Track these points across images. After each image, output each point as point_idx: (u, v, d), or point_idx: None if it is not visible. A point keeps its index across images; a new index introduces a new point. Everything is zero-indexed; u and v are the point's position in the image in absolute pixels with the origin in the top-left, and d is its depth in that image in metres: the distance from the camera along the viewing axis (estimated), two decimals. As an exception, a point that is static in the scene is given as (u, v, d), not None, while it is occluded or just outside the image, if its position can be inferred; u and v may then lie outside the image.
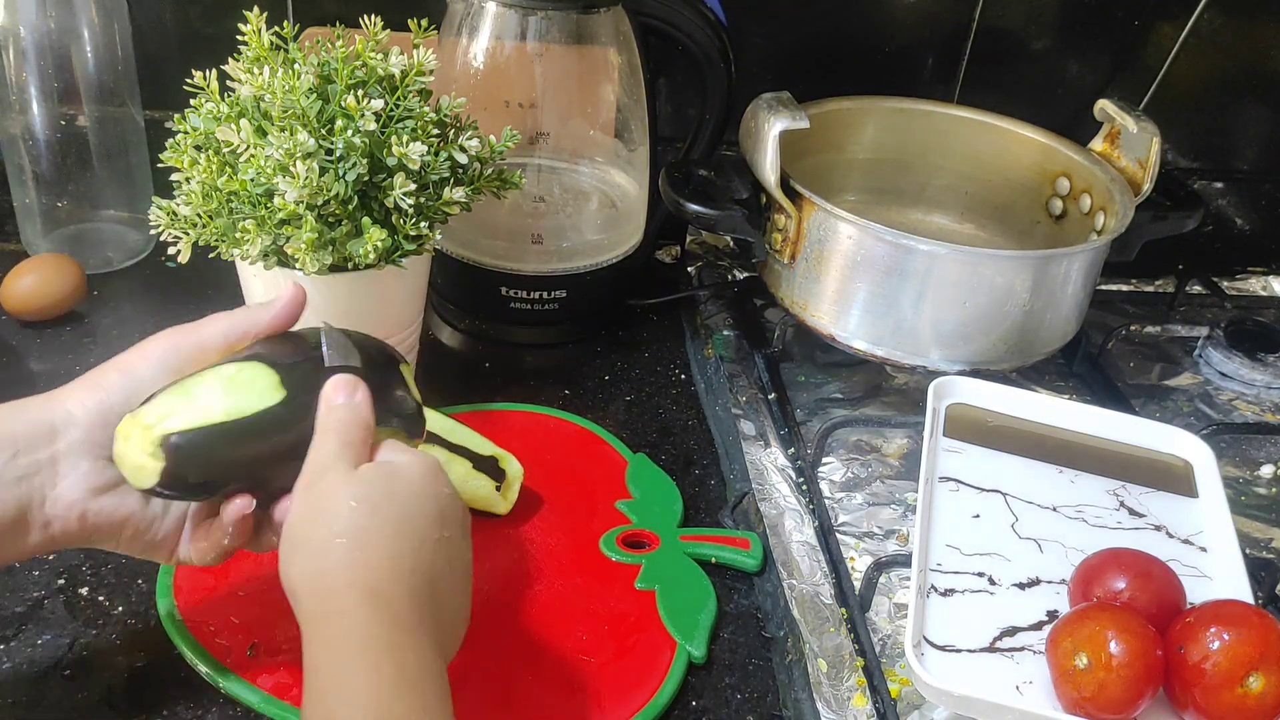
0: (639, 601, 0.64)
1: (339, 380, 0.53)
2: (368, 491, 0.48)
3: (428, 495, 0.50)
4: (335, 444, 0.51)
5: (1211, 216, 1.16)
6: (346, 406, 0.52)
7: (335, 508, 0.48)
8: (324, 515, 0.48)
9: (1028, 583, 0.63)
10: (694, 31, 0.84)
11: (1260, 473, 0.83)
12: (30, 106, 0.81)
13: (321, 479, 0.49)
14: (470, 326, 0.89)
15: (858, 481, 0.77)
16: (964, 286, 0.75)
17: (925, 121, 0.94)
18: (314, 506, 0.49)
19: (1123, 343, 0.95)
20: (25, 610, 0.60)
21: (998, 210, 0.96)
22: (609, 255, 0.87)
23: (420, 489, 0.50)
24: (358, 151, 0.63)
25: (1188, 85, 1.08)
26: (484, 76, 0.81)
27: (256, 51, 0.66)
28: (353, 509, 0.48)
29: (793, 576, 0.67)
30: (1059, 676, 0.56)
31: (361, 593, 0.45)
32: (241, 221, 0.64)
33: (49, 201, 0.86)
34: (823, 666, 0.62)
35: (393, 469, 0.51)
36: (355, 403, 0.52)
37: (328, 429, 0.51)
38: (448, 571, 0.49)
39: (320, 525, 0.48)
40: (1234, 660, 0.54)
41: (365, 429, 0.52)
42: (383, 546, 0.47)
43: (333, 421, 0.52)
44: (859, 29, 1.03)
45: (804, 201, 0.78)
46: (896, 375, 0.88)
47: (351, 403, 0.52)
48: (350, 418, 0.52)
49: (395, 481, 0.50)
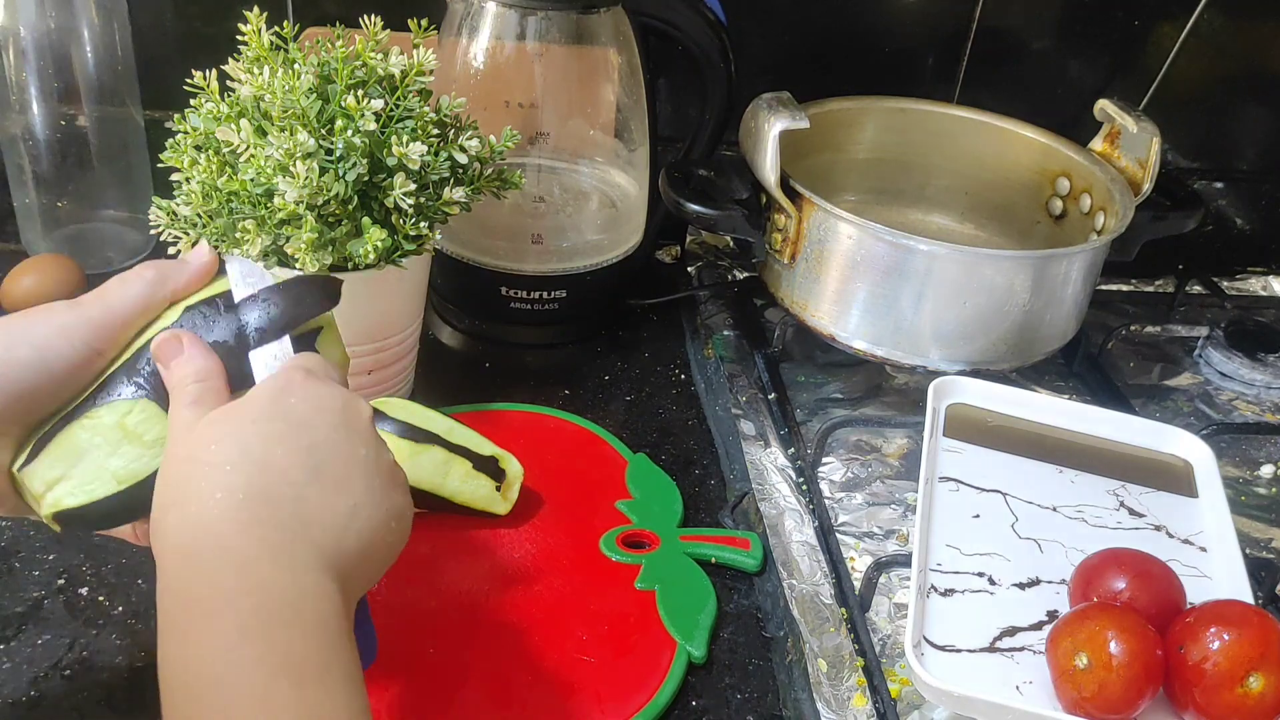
0: (639, 601, 0.64)
1: (161, 344, 0.49)
2: (201, 443, 0.46)
3: (269, 416, 0.46)
4: (183, 407, 0.48)
5: (1211, 216, 1.16)
6: (179, 364, 0.49)
7: (175, 471, 0.46)
8: (168, 482, 0.46)
9: (1028, 583, 0.63)
10: (694, 31, 0.84)
11: (1260, 473, 0.83)
12: (30, 106, 0.81)
13: (178, 443, 0.47)
14: (470, 326, 0.89)
15: (858, 481, 0.77)
16: (964, 286, 0.75)
17: (925, 121, 0.94)
18: (164, 475, 0.46)
19: (1123, 343, 0.95)
20: (25, 610, 0.60)
21: (998, 210, 0.96)
22: (609, 255, 0.87)
23: (266, 409, 0.47)
24: (358, 151, 0.63)
25: (1188, 85, 1.08)
26: (484, 76, 0.81)
27: (256, 51, 0.66)
28: (190, 466, 0.45)
29: (793, 576, 0.67)
30: (1059, 676, 0.56)
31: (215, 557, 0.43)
32: (241, 221, 0.64)
33: (49, 201, 0.86)
34: (823, 666, 0.62)
35: (238, 404, 0.47)
36: (184, 358, 0.49)
37: (173, 393, 0.49)
38: (314, 478, 0.45)
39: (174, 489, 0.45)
40: (1234, 660, 0.54)
41: (208, 378, 0.48)
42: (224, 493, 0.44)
43: (173, 384, 0.49)
44: (859, 29, 1.03)
45: (804, 201, 0.78)
46: (896, 375, 0.88)
47: (180, 360, 0.49)
48: (187, 372, 0.48)
49: (239, 415, 0.47)
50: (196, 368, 0.49)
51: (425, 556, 0.66)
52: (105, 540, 0.64)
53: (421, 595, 0.63)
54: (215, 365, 0.49)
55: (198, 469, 0.45)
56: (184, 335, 0.50)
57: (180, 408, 0.48)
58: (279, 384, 0.48)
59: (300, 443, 0.46)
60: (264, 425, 0.46)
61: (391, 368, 0.75)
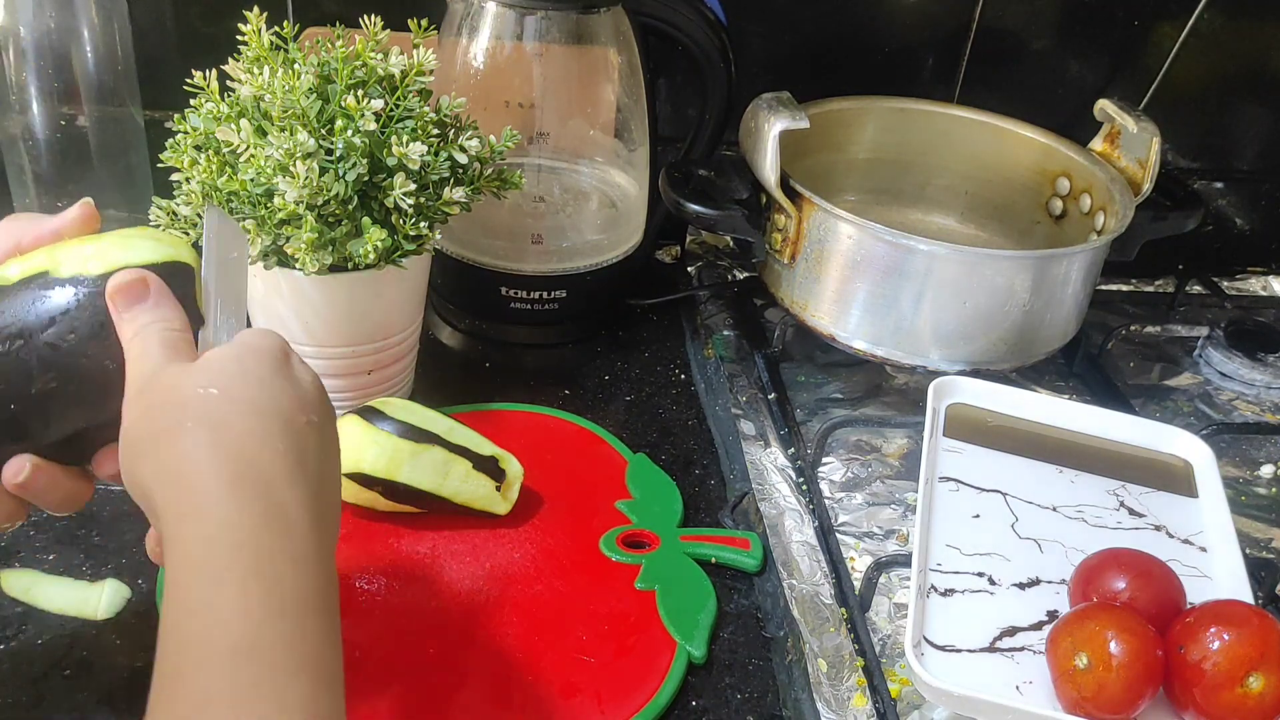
0: (639, 601, 0.64)
1: (123, 284, 0.46)
2: (215, 376, 0.44)
3: (286, 377, 0.45)
4: (156, 347, 0.45)
5: (1211, 216, 1.16)
6: (144, 310, 0.46)
7: (182, 398, 0.43)
8: (169, 407, 0.43)
9: (1028, 583, 0.63)
10: (694, 31, 0.84)
11: (1260, 473, 0.83)
12: (30, 106, 0.81)
13: (156, 380, 0.44)
14: (470, 326, 0.89)
15: (858, 481, 0.77)
16: (964, 286, 0.75)
17: (925, 121, 0.94)
18: (154, 404, 0.44)
19: (1123, 343, 0.95)
20: (25, 610, 0.60)
21: (998, 210, 0.96)
22: (609, 255, 0.87)
23: (277, 368, 0.45)
24: (358, 151, 0.63)
25: (1188, 85, 1.08)
26: (484, 76, 0.81)
27: (256, 51, 0.66)
28: (203, 394, 0.43)
29: (793, 576, 0.67)
30: (1059, 676, 0.56)
31: (228, 480, 0.41)
32: (241, 221, 0.64)
33: (49, 201, 0.86)
34: (823, 666, 0.62)
35: (242, 350, 0.46)
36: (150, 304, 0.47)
37: (139, 336, 0.46)
38: (322, 458, 0.45)
39: (167, 416, 0.43)
40: (1234, 660, 0.54)
41: (182, 329, 0.47)
42: (247, 426, 0.42)
43: (140, 327, 0.46)
44: (859, 29, 1.03)
45: (804, 201, 0.78)
46: (896, 375, 0.88)
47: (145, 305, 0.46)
48: (156, 318, 0.46)
49: (247, 360, 0.45)
50: (166, 314, 0.46)
51: (425, 556, 0.66)
52: (106, 540, 0.65)
53: (421, 595, 0.63)
54: (184, 320, 0.47)
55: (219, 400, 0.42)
56: (151, 280, 0.47)
57: (141, 355, 0.45)
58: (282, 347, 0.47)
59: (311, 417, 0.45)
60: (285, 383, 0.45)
61: (391, 368, 0.75)
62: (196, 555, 0.40)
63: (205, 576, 0.39)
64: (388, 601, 0.62)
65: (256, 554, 0.40)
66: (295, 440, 0.43)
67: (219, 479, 0.41)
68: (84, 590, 0.61)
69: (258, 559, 0.40)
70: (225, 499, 0.40)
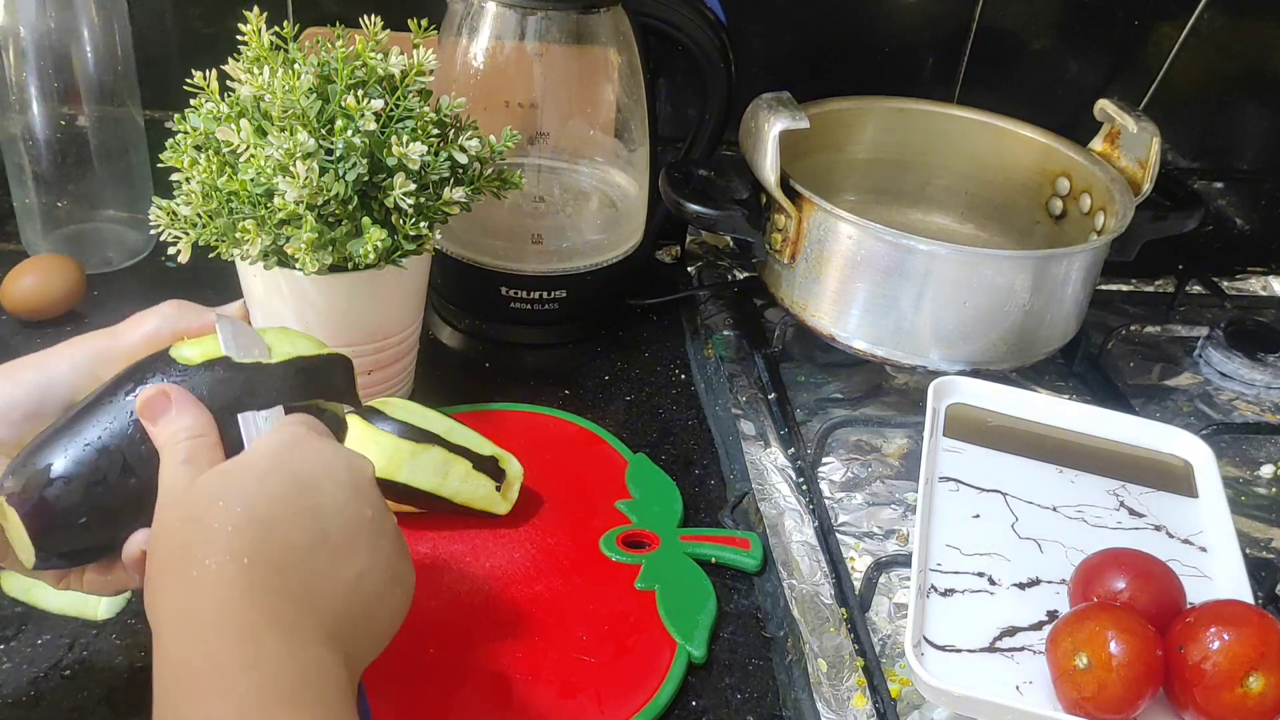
0: (639, 601, 0.64)
1: (147, 401, 0.47)
2: (204, 502, 0.43)
3: (281, 468, 0.45)
4: (178, 461, 0.46)
5: (1211, 216, 1.16)
6: (168, 421, 0.47)
7: (177, 531, 0.43)
8: (169, 541, 0.43)
9: (1028, 583, 0.63)
10: (694, 31, 0.84)
11: (1260, 473, 0.83)
12: (30, 106, 0.81)
13: (164, 505, 0.45)
14: (470, 326, 0.89)
15: (858, 481, 0.77)
16: (964, 286, 0.75)
17: (925, 121, 0.94)
18: (160, 534, 0.44)
19: (1123, 343, 0.95)
20: (25, 610, 0.60)
21: (998, 210, 0.96)
22: (609, 255, 0.87)
23: (270, 466, 0.45)
24: (358, 151, 0.63)
25: (1188, 85, 1.08)
26: (484, 76, 0.81)
27: (256, 51, 0.66)
28: (195, 526, 0.43)
29: (793, 576, 0.67)
30: (1059, 676, 0.56)
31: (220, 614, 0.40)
32: (241, 221, 0.64)
33: (49, 201, 0.87)
34: (823, 666, 0.62)
35: (237, 461, 0.46)
36: (173, 414, 0.47)
37: (165, 448, 0.46)
38: (320, 543, 0.43)
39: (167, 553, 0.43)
40: (1234, 660, 0.54)
41: (202, 434, 0.47)
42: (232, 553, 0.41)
43: (164, 439, 0.47)
44: (859, 29, 1.03)
45: (804, 201, 0.78)
46: (896, 375, 0.88)
47: (169, 417, 0.47)
48: (179, 429, 0.47)
49: (240, 473, 0.45)
50: (188, 423, 0.47)
51: (425, 556, 0.66)
52: (105, 540, 0.65)
53: (421, 595, 0.63)
54: (208, 421, 0.47)
55: (197, 531, 0.42)
56: (171, 390, 0.47)
57: (172, 465, 0.46)
58: (281, 440, 0.46)
59: (305, 504, 0.44)
60: (269, 483, 0.44)
61: (391, 368, 0.75)
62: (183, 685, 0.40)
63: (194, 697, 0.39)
64: (388, 601, 0.63)
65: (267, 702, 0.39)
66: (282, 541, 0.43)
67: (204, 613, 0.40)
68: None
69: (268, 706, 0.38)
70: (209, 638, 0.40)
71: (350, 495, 0.46)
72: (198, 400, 0.48)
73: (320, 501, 0.44)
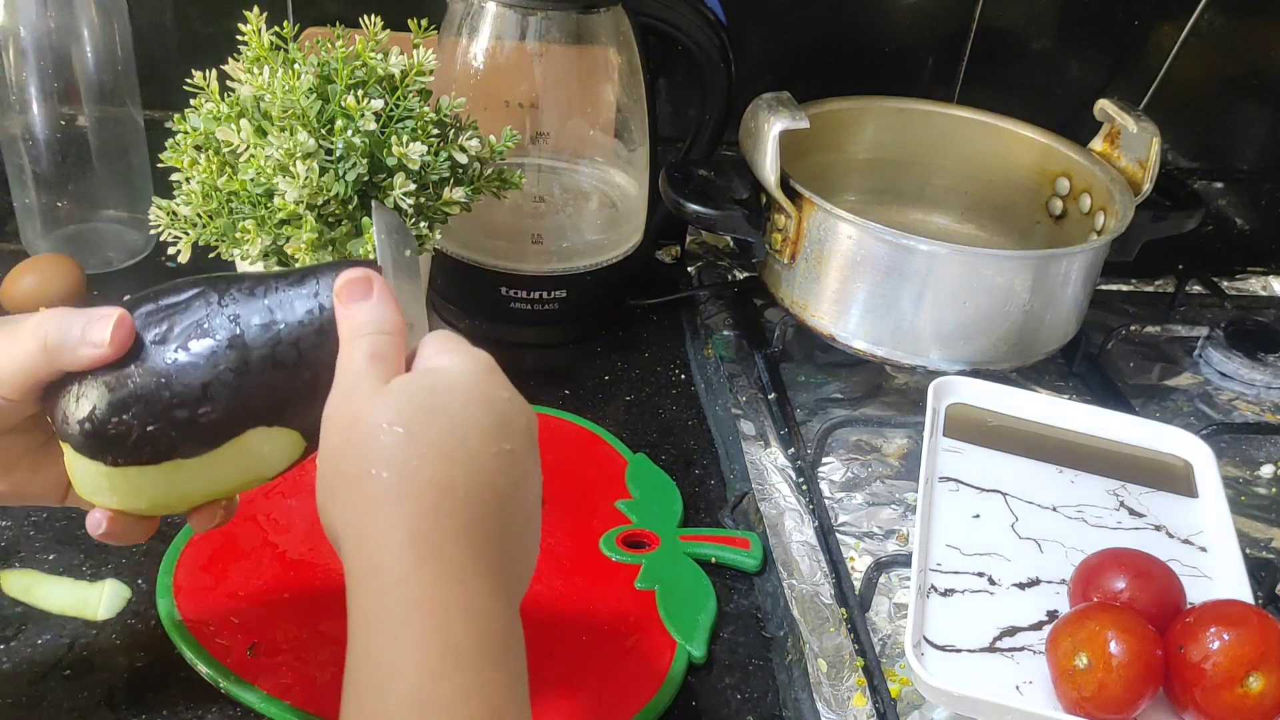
0: (639, 601, 0.64)
1: (349, 280, 0.46)
2: (404, 410, 0.42)
3: (479, 403, 0.43)
4: (360, 357, 0.44)
5: (1211, 216, 1.16)
6: (365, 309, 0.45)
7: (369, 434, 0.42)
8: (357, 445, 0.42)
9: (1028, 583, 0.63)
10: (694, 31, 0.84)
11: (1260, 473, 0.83)
12: (30, 106, 0.81)
13: (349, 401, 0.43)
14: (470, 326, 0.89)
15: (858, 481, 0.77)
16: (964, 286, 0.75)
17: (925, 121, 0.94)
18: (345, 435, 0.42)
19: (1123, 343, 0.95)
20: (25, 610, 0.60)
21: (998, 210, 0.96)
22: (609, 255, 0.87)
23: (470, 396, 0.43)
24: (358, 151, 0.63)
25: (1188, 85, 1.08)
26: (484, 76, 0.81)
27: (256, 51, 0.66)
28: (388, 434, 0.41)
29: (793, 576, 0.67)
30: (1059, 676, 0.56)
31: (405, 536, 0.40)
32: (241, 221, 0.64)
33: (49, 201, 0.87)
34: (823, 666, 0.62)
35: (434, 378, 0.44)
36: (373, 303, 0.45)
37: (348, 338, 0.45)
38: (512, 492, 0.43)
39: (355, 457, 0.42)
40: (1234, 660, 0.54)
41: (394, 332, 0.45)
42: (429, 475, 0.41)
43: (350, 330, 0.45)
44: (859, 29, 1.03)
45: (804, 201, 0.78)
46: (896, 375, 0.88)
47: (368, 304, 0.45)
48: (372, 320, 0.45)
49: (438, 394, 0.43)
50: (382, 318, 0.45)
51: (425, 556, 0.66)
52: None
53: (421, 595, 0.63)
54: (401, 322, 0.45)
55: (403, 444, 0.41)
56: (375, 279, 0.46)
57: (357, 355, 0.44)
58: (482, 369, 0.45)
59: (503, 446, 0.43)
60: (476, 412, 0.43)
61: (391, 368, 0.75)
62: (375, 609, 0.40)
63: (382, 631, 0.39)
64: (388, 601, 0.63)
65: (432, 610, 0.39)
66: (482, 481, 0.42)
67: (396, 535, 0.40)
68: (84, 590, 0.61)
69: (433, 615, 0.39)
70: (402, 556, 0.40)
71: (532, 446, 0.45)
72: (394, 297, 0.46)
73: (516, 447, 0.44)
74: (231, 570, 0.62)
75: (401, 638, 0.39)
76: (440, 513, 0.40)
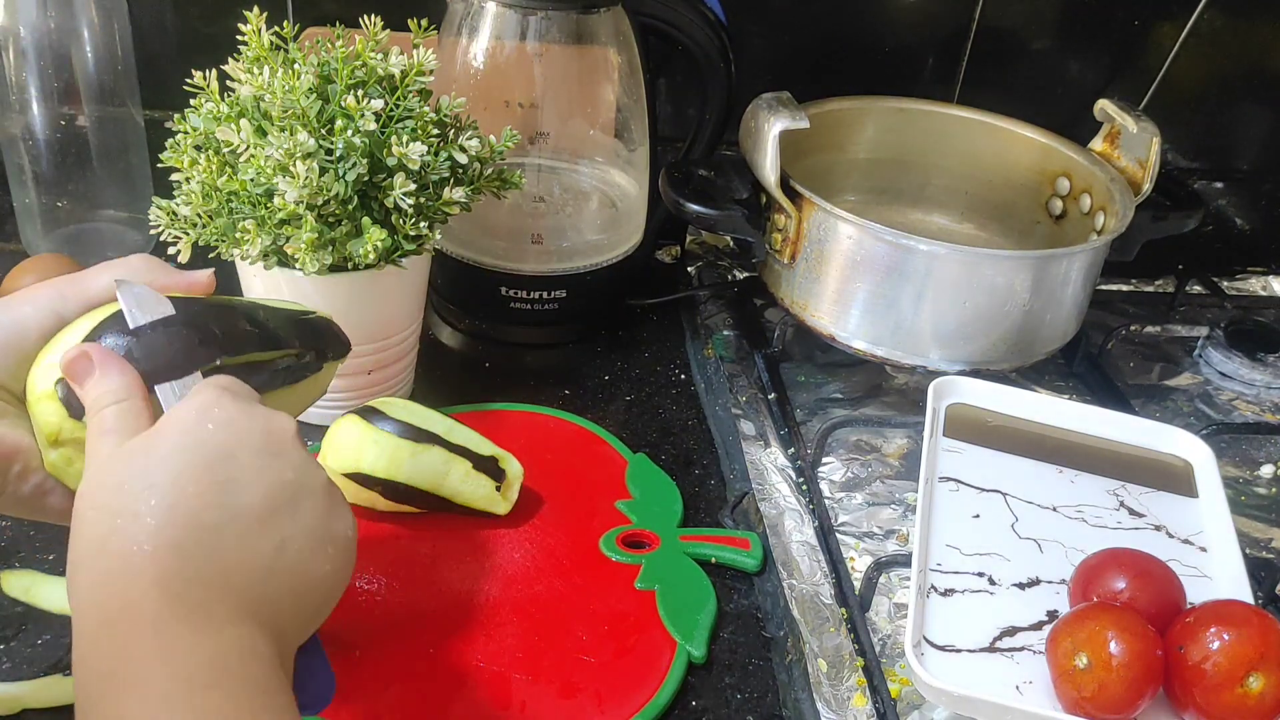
0: (639, 601, 0.64)
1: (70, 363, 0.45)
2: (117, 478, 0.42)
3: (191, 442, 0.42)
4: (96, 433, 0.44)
5: (1211, 216, 1.16)
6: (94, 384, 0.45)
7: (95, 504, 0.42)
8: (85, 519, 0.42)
9: (1028, 583, 0.63)
10: (694, 31, 0.84)
11: (1260, 473, 0.83)
12: (30, 106, 0.81)
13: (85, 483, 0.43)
14: (470, 326, 0.89)
15: (858, 481, 0.77)
16: (964, 286, 0.75)
17: (925, 121, 0.94)
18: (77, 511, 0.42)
19: (1123, 343, 0.95)
20: (25, 610, 0.60)
21: (998, 210, 0.96)
22: (609, 255, 0.87)
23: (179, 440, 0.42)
24: (358, 151, 0.63)
25: (1188, 85, 1.09)
26: (484, 76, 0.81)
27: (256, 51, 0.66)
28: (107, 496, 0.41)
29: (793, 576, 0.67)
30: (1059, 676, 0.56)
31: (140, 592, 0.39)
32: (241, 221, 0.64)
33: (49, 201, 0.87)
34: (823, 666, 0.62)
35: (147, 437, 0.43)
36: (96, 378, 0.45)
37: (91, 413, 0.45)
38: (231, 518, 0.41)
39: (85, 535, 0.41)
40: (1234, 660, 0.54)
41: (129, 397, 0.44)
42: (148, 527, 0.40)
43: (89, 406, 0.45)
44: (859, 29, 1.03)
45: (804, 201, 0.78)
46: (896, 375, 0.88)
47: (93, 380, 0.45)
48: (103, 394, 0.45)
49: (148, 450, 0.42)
50: (112, 387, 0.45)
51: (425, 556, 0.66)
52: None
53: (421, 595, 0.63)
54: (133, 382, 0.45)
55: (104, 519, 0.41)
56: (93, 350, 0.46)
57: (96, 438, 0.44)
58: (195, 408, 0.44)
59: (216, 478, 0.42)
60: (176, 460, 0.42)
61: (391, 368, 0.75)
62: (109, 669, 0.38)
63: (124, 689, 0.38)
64: (388, 601, 0.62)
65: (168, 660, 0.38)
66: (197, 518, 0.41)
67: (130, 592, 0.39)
68: None
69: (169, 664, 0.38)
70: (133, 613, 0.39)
71: (266, 460, 0.43)
72: (123, 360, 0.46)
73: (232, 473, 0.42)
74: (231, 570, 0.62)
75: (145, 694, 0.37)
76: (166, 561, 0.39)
